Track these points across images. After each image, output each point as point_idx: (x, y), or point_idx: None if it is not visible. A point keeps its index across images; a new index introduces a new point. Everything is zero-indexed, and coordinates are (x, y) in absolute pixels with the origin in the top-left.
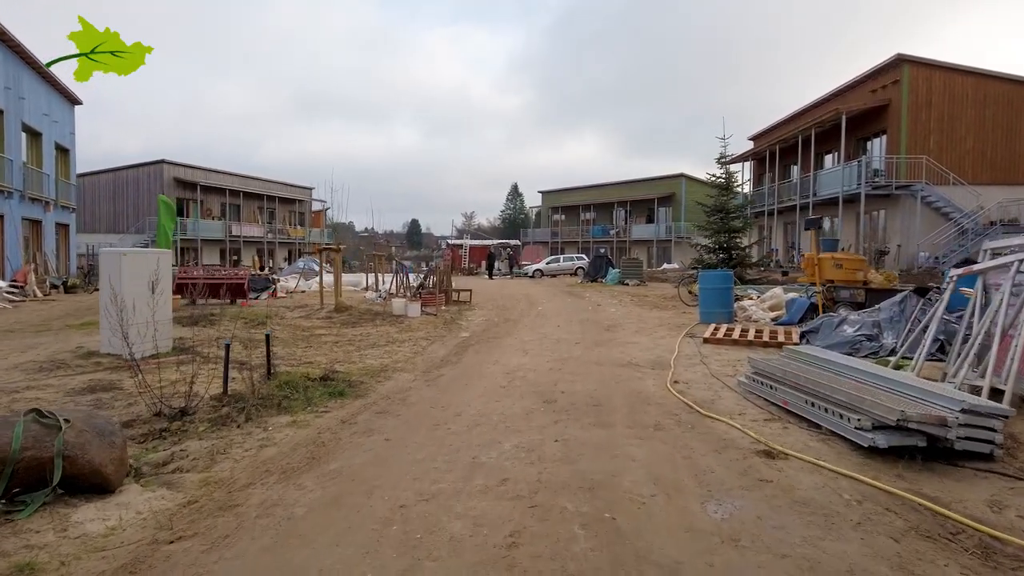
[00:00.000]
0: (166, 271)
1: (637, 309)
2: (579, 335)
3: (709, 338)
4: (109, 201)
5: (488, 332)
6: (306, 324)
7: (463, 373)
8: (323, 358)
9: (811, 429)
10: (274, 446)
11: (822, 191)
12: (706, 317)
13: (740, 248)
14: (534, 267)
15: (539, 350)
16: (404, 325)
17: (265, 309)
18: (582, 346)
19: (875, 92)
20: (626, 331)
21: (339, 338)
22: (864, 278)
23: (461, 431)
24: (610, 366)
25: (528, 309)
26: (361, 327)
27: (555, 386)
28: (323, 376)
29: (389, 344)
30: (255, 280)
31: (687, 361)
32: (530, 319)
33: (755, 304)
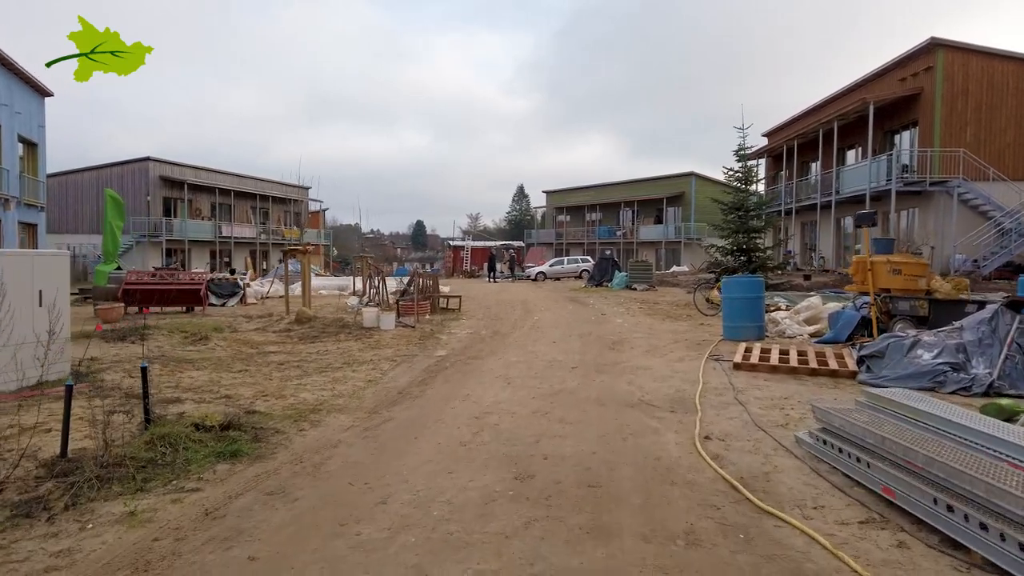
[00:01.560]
0: (62, 277)
1: (647, 319)
2: (578, 355)
3: (741, 363)
4: (92, 200)
5: (469, 350)
6: (257, 339)
7: (418, 416)
8: (249, 390)
9: (947, 547)
10: (66, 570)
11: (846, 188)
12: (731, 333)
13: (760, 250)
14: (537, 270)
15: (526, 378)
16: (372, 340)
17: (219, 319)
18: (580, 373)
19: (905, 81)
20: (635, 350)
21: (289, 358)
22: (927, 286)
23: (376, 542)
24: (615, 406)
25: (523, 319)
26: (321, 343)
27: (537, 444)
28: (225, 423)
29: (344, 367)
30: (221, 285)
31: (717, 398)
32: (523, 332)
33: (788, 316)
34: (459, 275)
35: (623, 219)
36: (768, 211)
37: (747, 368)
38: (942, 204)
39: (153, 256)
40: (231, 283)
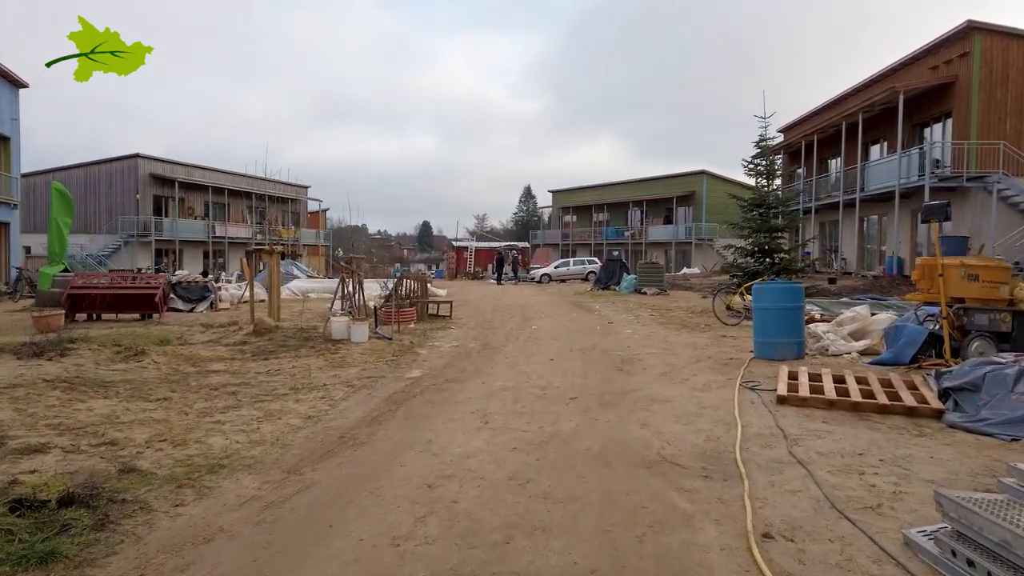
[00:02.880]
0: None
1: (660, 330)
2: (578, 379)
3: (787, 396)
4: (80, 199)
5: (450, 370)
6: (204, 354)
7: (351, 480)
8: (147, 431)
9: None
10: None
11: (871, 185)
12: (765, 350)
13: (783, 250)
14: (542, 271)
15: (509, 415)
16: (337, 357)
17: (173, 328)
18: (579, 407)
19: (937, 69)
20: (649, 372)
21: (230, 379)
22: (1010, 295)
23: None
24: (625, 468)
25: (519, 328)
26: (276, 359)
27: (505, 548)
28: (66, 497)
29: (289, 394)
30: (189, 289)
31: (765, 452)
32: (517, 345)
33: (831, 329)
34: (463, 276)
35: (631, 219)
36: (790, 209)
37: (795, 402)
38: (979, 201)
39: (143, 257)
40: (200, 286)
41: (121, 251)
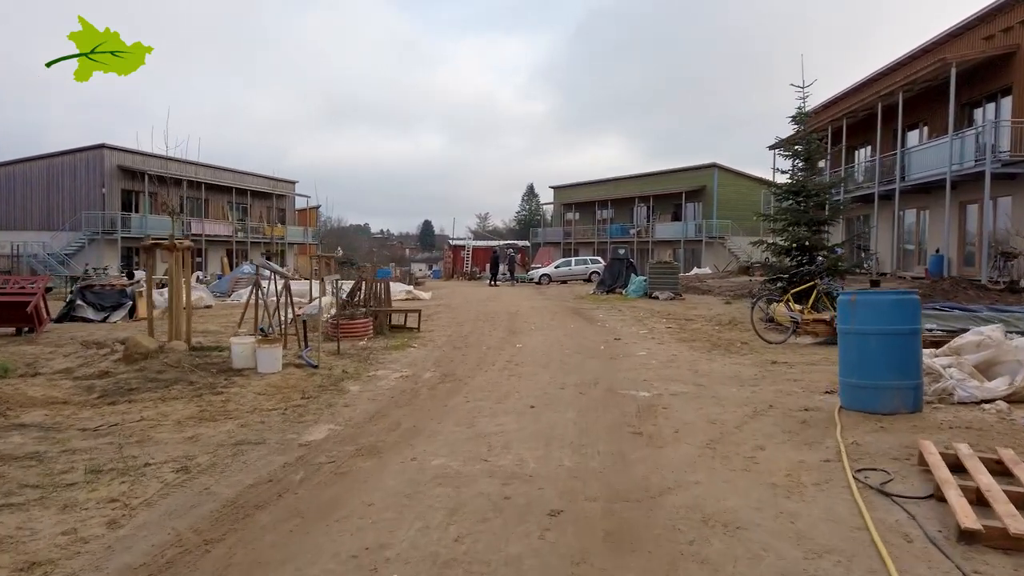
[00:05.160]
0: None
1: (685, 351)
2: (568, 460)
3: (985, 532)
4: (43, 193)
5: (372, 427)
6: (35, 393)
7: None
8: None
9: None
10: None
11: (913, 173)
12: (859, 397)
13: (827, 247)
14: (541, 271)
15: (423, 562)
16: (222, 398)
17: (33, 349)
18: (567, 547)
19: (992, 39)
20: (685, 441)
21: (32, 441)
22: None
23: None
24: None
25: (500, 347)
26: (128, 403)
27: None
28: None
29: (79, 486)
30: (102, 295)
31: None
32: (488, 377)
33: (952, 362)
34: (459, 277)
35: (637, 216)
36: (834, 199)
37: (999, 539)
38: None
39: (109, 256)
40: (116, 292)
41: (85, 249)
